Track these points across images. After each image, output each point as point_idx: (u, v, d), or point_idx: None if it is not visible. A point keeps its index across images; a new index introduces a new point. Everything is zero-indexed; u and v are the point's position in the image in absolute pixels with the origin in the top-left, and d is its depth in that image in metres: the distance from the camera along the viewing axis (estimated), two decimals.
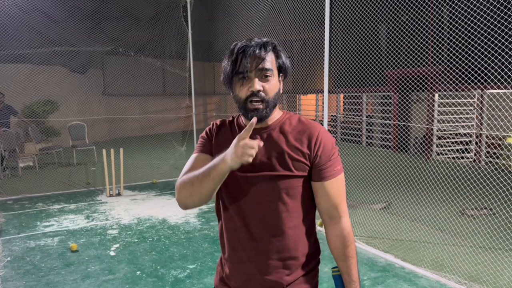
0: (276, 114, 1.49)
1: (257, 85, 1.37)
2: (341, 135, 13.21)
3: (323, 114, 5.19)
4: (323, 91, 5.06)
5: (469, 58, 5.81)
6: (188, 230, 5.17)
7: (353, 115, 12.83)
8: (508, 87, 6.54)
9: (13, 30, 8.66)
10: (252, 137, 1.37)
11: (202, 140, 1.60)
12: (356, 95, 12.45)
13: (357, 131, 12.65)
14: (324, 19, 4.84)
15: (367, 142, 12.23)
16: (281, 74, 1.46)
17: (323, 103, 5.14)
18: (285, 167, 1.41)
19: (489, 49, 5.44)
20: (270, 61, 1.40)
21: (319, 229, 5.09)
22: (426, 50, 8.33)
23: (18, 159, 8.87)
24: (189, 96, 8.92)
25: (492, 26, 5.11)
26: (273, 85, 1.40)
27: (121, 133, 12.16)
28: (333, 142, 1.47)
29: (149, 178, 8.06)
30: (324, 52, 4.88)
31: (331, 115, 13.87)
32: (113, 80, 13.26)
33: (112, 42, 11.14)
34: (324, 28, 4.85)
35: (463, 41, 6.00)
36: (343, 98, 13.67)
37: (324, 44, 4.88)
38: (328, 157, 1.44)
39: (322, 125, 5.10)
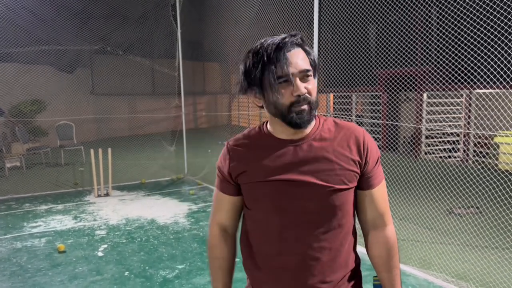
0: (311, 122, 1.33)
1: (303, 88, 1.23)
2: None
3: None
4: None
5: (457, 58, 5.86)
6: (177, 230, 5.14)
7: (343, 115, 12.89)
8: (495, 86, 6.62)
9: None
10: (293, 149, 1.29)
11: (218, 175, 1.46)
12: (345, 95, 12.51)
13: None
14: (313, 19, 4.85)
15: None
16: (315, 71, 1.31)
17: None
18: (337, 180, 1.27)
19: (476, 49, 5.50)
20: (306, 59, 1.27)
21: None
22: (415, 50, 8.39)
23: (5, 159, 8.75)
24: (178, 95, 8.88)
25: (478, 27, 5.16)
26: (314, 85, 1.28)
27: (109, 133, 12.07)
28: (376, 144, 1.35)
29: (138, 178, 8.01)
30: (313, 51, 4.89)
31: (321, 115, 13.91)
32: (102, 79, 13.16)
33: (100, 41, 11.05)
34: (313, 28, 4.85)
35: (451, 41, 6.05)
36: (333, 98, 13.72)
37: (313, 44, 4.88)
38: (375, 161, 1.32)
39: None
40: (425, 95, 10.06)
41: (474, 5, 5.11)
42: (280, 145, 1.31)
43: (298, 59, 1.24)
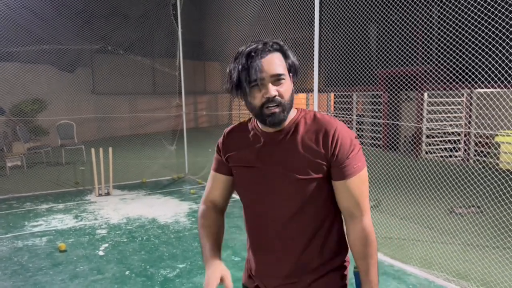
0: (291, 114, 1.45)
1: (272, 91, 1.34)
2: None
3: None
4: (313, 91, 5.07)
5: (458, 57, 5.86)
6: (177, 230, 5.14)
7: (344, 114, 12.88)
8: (496, 86, 6.62)
9: None
10: (269, 141, 1.44)
11: (216, 157, 1.61)
12: (346, 95, 12.50)
13: None
14: (314, 18, 4.85)
15: None
16: (291, 74, 1.42)
17: (313, 102, 5.15)
18: (302, 170, 1.38)
19: (477, 48, 5.49)
20: (280, 64, 1.37)
21: None
22: (416, 49, 8.38)
23: (6, 158, 8.76)
24: (179, 95, 8.88)
25: (479, 26, 5.16)
26: (287, 88, 1.38)
27: (110, 132, 12.08)
28: (352, 137, 1.40)
29: (139, 178, 8.01)
30: (314, 51, 4.89)
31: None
32: (102, 79, 13.16)
33: (101, 40, 11.04)
34: (314, 27, 4.85)
35: (452, 41, 6.05)
36: (334, 97, 13.71)
37: (314, 43, 4.88)
38: (346, 154, 1.38)
39: None
40: (425, 94, 10.06)
41: (475, 4, 5.10)
42: (262, 137, 1.46)
43: (270, 65, 1.35)
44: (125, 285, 3.68)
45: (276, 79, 1.35)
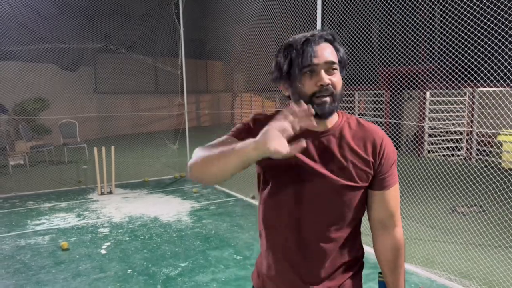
0: (334, 116, 1.37)
1: (326, 78, 1.26)
2: None
3: None
4: None
5: (460, 56, 5.85)
6: (180, 228, 5.15)
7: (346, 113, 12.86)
8: (498, 85, 6.60)
9: (2, 27, 8.57)
10: (309, 140, 1.30)
11: (240, 126, 1.42)
12: (348, 93, 12.49)
13: None
14: (316, 16, 4.84)
15: None
16: (343, 66, 1.36)
17: None
18: (348, 177, 1.31)
19: (480, 47, 5.48)
20: (334, 54, 1.31)
21: None
22: (418, 48, 8.37)
23: (9, 157, 8.78)
24: (181, 94, 8.88)
25: (482, 25, 5.14)
26: (339, 79, 1.31)
27: (112, 131, 12.10)
28: (394, 148, 1.38)
29: (141, 177, 8.03)
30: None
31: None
32: (105, 78, 13.18)
33: (103, 39, 11.06)
34: (316, 25, 4.85)
35: (454, 40, 6.04)
36: None
37: None
38: (390, 165, 1.35)
39: None
40: (428, 93, 10.04)
41: (477, 2, 5.09)
42: (301, 134, 1.21)
43: (324, 52, 1.28)
44: (127, 283, 3.69)
45: (330, 67, 1.28)
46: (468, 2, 5.07)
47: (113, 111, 12.24)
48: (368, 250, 1.48)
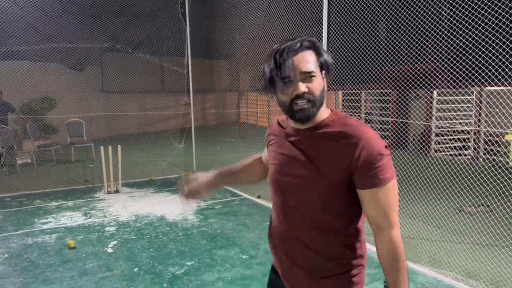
0: (323, 114, 1.46)
1: (302, 87, 1.37)
2: None
3: None
4: None
5: (468, 55, 5.80)
6: (186, 227, 5.16)
7: (352, 112, 12.82)
8: (506, 84, 6.54)
9: (9, 27, 8.63)
10: (298, 139, 1.48)
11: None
12: (354, 93, 12.44)
13: None
14: (322, 15, 4.83)
15: None
16: (323, 71, 1.44)
17: None
18: (324, 173, 1.39)
19: (487, 46, 5.44)
20: (312, 62, 1.39)
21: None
22: (425, 47, 8.32)
23: (16, 156, 8.85)
24: (187, 93, 8.90)
25: (490, 23, 5.10)
26: (317, 84, 1.40)
27: (119, 130, 12.15)
28: (380, 147, 1.37)
29: (147, 175, 8.05)
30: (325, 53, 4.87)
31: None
32: (111, 77, 13.24)
33: (110, 39, 11.11)
34: (322, 24, 4.84)
35: (461, 38, 5.99)
36: (342, 95, 13.66)
37: (322, 41, 4.87)
38: (371, 164, 1.35)
39: None
40: (435, 92, 9.98)
41: (485, 1, 5.05)
42: (292, 133, 1.52)
43: (301, 63, 1.38)
44: (133, 282, 3.71)
45: (307, 76, 1.38)
46: (475, 1, 5.04)
47: (119, 111, 12.30)
48: (374, 249, 1.47)
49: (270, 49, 1.44)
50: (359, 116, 12.16)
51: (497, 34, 5.18)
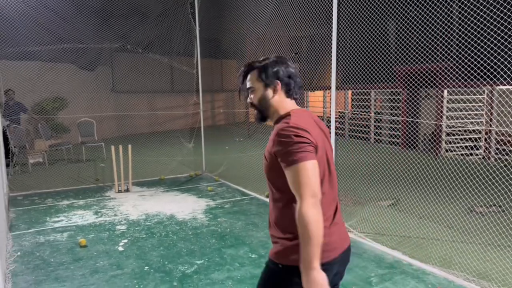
0: (281, 113, 1.89)
1: (248, 99, 1.96)
2: (349, 131, 13.16)
3: (330, 111, 5.17)
4: (331, 88, 5.04)
5: (479, 54, 5.75)
6: (195, 226, 5.19)
7: (361, 111, 12.77)
8: None
9: (22, 27, 8.73)
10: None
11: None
12: (364, 92, 12.39)
13: (365, 127, 12.59)
14: (332, 14, 4.82)
15: (375, 138, 12.16)
16: (267, 83, 1.87)
17: (330, 99, 5.12)
18: (266, 158, 1.82)
19: (499, 44, 5.38)
20: (253, 79, 1.91)
21: None
22: (436, 46, 8.25)
23: (28, 155, 8.96)
24: (196, 93, 8.93)
25: (502, 21, 5.05)
26: (256, 95, 1.91)
27: (129, 130, 12.23)
28: (284, 137, 1.68)
29: (157, 175, 8.10)
30: (331, 48, 4.86)
31: (339, 112, 13.82)
32: (122, 77, 13.33)
33: (120, 39, 11.19)
34: (332, 23, 4.82)
35: (473, 37, 5.94)
36: (351, 94, 13.61)
37: (331, 40, 4.85)
38: (279, 150, 1.70)
39: (330, 121, 5.08)
40: (445, 91, 9.90)
41: None
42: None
43: (248, 81, 1.93)
44: (144, 280, 3.74)
45: (250, 90, 1.93)
46: None
47: (130, 110, 12.38)
48: (384, 249, 1.47)
49: (276, 49, 1.60)
50: (368, 115, 12.10)
51: (509, 33, 5.13)
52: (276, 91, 1.87)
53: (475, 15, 5.22)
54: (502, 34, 5.25)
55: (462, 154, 9.65)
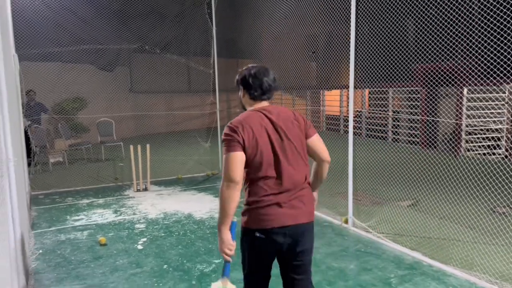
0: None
1: None
2: (366, 131, 13.04)
3: (347, 110, 5.13)
4: (347, 87, 5.00)
5: (500, 51, 5.63)
6: (213, 225, 5.21)
7: (379, 110, 12.64)
8: None
9: (43, 29, 8.89)
10: None
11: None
12: (382, 90, 12.26)
13: (383, 126, 12.46)
14: (350, 13, 4.77)
15: (393, 138, 12.03)
16: (238, 88, 2.55)
17: (347, 98, 5.08)
18: None
19: None
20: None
21: (344, 225, 5.05)
22: (455, 43, 8.11)
23: (49, 155, 9.12)
24: (213, 92, 8.96)
25: None
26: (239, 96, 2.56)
27: (147, 129, 12.35)
28: (225, 132, 2.26)
29: (175, 174, 8.16)
30: (350, 46, 4.82)
31: (356, 111, 13.70)
32: (140, 78, 13.46)
33: (138, 40, 11.30)
34: (350, 21, 4.78)
35: (494, 34, 5.82)
36: (368, 93, 13.47)
37: (350, 37, 4.81)
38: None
39: (348, 121, 5.04)
40: (465, 90, 9.72)
41: None
42: None
43: None
44: (163, 278, 3.77)
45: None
46: None
47: (147, 110, 12.50)
48: (404, 250, 1.44)
49: (292, 48, 1.64)
50: (386, 114, 11.96)
51: None
52: (242, 94, 2.50)
53: (497, 11, 5.12)
54: None
55: (483, 154, 9.47)
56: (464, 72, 7.79)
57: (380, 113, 12.50)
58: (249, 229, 2.32)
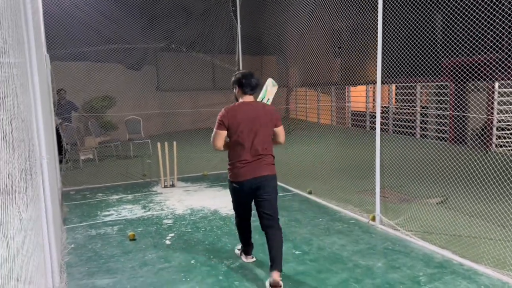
0: None
1: None
2: (393, 127, 12.83)
3: (373, 106, 5.06)
4: (373, 82, 4.93)
5: None
6: None
7: (407, 106, 12.41)
8: None
9: (72, 29, 9.12)
10: None
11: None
12: (409, 86, 12.03)
13: (411, 122, 12.23)
14: (377, 9, 4.71)
15: (421, 134, 11.80)
16: (233, 87, 3.78)
17: (373, 94, 5.01)
18: None
19: None
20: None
21: (372, 223, 5.00)
22: (485, 37, 7.88)
23: (79, 152, 9.37)
24: None
25: None
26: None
27: (173, 127, 12.52)
28: (218, 114, 3.61)
29: (201, 170, 8.25)
30: (377, 40, 4.75)
31: (383, 107, 13.49)
32: (166, 76, 13.65)
33: (164, 39, 11.46)
34: (377, 16, 4.71)
35: None
36: (395, 88, 13.25)
37: (376, 32, 4.74)
38: None
39: (375, 117, 4.98)
40: (496, 84, 9.44)
41: None
42: None
43: None
44: (190, 273, 3.83)
45: None
46: None
47: (174, 108, 12.66)
48: (433, 248, 1.43)
49: (317, 44, 1.65)
50: (414, 109, 11.73)
51: None
52: (237, 91, 3.71)
53: None
54: None
55: None
56: (496, 65, 7.56)
57: (407, 109, 12.28)
58: (230, 181, 3.63)
